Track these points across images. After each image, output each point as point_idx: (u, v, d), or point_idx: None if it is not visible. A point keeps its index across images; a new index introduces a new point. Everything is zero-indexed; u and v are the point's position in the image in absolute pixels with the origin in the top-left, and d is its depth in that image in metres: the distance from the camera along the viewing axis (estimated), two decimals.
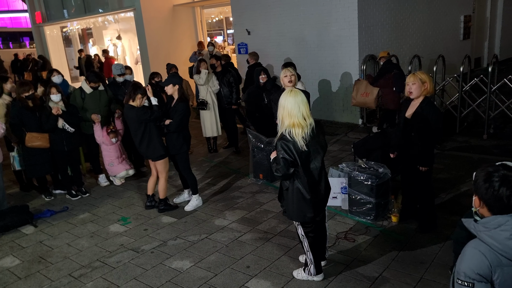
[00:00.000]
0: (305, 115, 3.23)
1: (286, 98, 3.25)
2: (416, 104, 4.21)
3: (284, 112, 3.25)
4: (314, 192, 3.41)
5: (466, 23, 11.96)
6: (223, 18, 16.16)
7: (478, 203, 1.92)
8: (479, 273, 1.80)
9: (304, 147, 3.23)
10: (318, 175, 3.40)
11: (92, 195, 6.19)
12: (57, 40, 18.03)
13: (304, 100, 3.23)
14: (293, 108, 3.20)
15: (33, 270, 4.29)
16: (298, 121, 3.20)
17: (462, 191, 5.38)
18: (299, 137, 3.21)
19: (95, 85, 6.15)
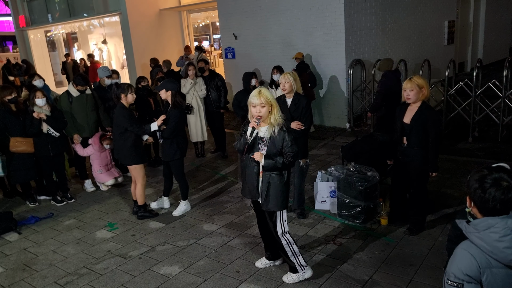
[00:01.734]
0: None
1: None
2: (414, 109, 4.20)
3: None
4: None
5: (450, 28, 12.17)
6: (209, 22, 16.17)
7: (469, 203, 1.94)
8: (468, 274, 1.81)
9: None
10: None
11: (78, 201, 6.09)
12: (41, 44, 17.81)
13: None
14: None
15: (17, 278, 4.18)
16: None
17: (447, 194, 5.43)
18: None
19: (82, 88, 6.07)
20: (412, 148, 4.26)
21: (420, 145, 4.20)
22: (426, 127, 4.13)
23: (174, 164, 5.25)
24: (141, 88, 6.83)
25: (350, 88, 8.78)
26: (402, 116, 4.32)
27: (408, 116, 4.26)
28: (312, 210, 5.24)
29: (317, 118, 9.42)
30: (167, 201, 5.64)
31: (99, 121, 6.36)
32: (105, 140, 6.17)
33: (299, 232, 4.70)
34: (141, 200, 5.32)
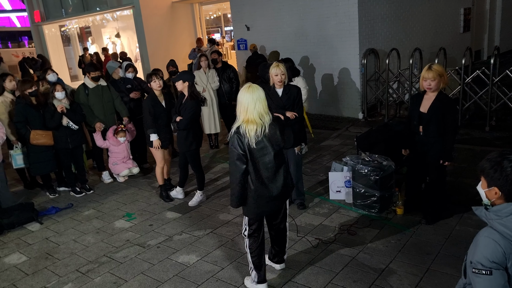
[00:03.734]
0: (262, 112, 3.21)
1: (243, 94, 3.23)
2: (431, 98, 4.17)
3: (240, 107, 3.23)
4: (262, 189, 3.34)
5: (465, 16, 11.96)
6: (220, 15, 16.16)
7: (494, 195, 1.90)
8: (495, 261, 1.79)
9: (254, 144, 3.21)
10: (271, 172, 3.34)
11: (96, 192, 6.20)
12: (56, 39, 18.00)
13: (261, 97, 3.21)
14: (249, 104, 3.18)
15: (40, 267, 4.30)
16: (253, 118, 3.19)
17: (464, 183, 5.39)
18: (251, 133, 3.19)
19: (95, 74, 6.15)
20: (430, 138, 4.23)
21: (438, 134, 4.18)
22: (444, 117, 4.10)
23: (190, 155, 5.32)
24: None
25: (363, 78, 8.73)
26: (418, 106, 4.28)
27: (425, 105, 4.22)
28: (327, 200, 5.26)
29: (330, 108, 9.39)
30: (181, 191, 5.72)
31: (116, 112, 6.44)
32: (119, 133, 6.24)
33: (314, 221, 4.74)
34: (158, 181, 5.73)
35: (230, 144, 3.28)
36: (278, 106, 4.72)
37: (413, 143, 4.44)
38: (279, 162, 3.40)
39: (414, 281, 3.55)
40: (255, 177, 3.32)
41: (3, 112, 5.80)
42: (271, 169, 3.34)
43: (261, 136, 3.23)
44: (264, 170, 3.33)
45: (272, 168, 3.35)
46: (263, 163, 3.31)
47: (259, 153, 3.28)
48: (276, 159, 3.35)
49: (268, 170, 3.34)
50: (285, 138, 3.46)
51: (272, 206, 3.48)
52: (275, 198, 3.43)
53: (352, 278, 3.67)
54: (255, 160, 3.28)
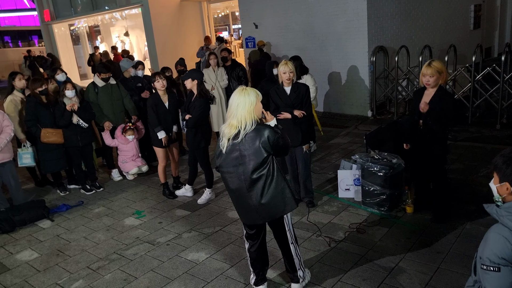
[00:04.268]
0: (241, 118, 2.99)
1: (232, 97, 3.07)
2: (431, 93, 4.22)
3: (228, 110, 3.10)
4: (238, 197, 3.20)
5: (476, 13, 11.84)
6: (228, 13, 16.16)
7: (506, 191, 1.90)
8: (504, 258, 1.80)
9: (224, 149, 3.06)
10: (245, 185, 3.09)
11: (106, 190, 6.25)
12: (65, 38, 18.14)
13: (246, 102, 2.98)
14: (233, 107, 3.02)
15: (51, 263, 4.35)
16: (231, 122, 3.03)
17: (476, 181, 5.35)
18: (225, 138, 3.06)
19: (106, 76, 6.19)
20: (429, 132, 4.26)
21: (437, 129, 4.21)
22: (442, 112, 4.13)
23: (199, 153, 5.34)
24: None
25: (372, 76, 8.68)
26: (419, 101, 4.35)
27: (425, 101, 4.27)
28: (336, 198, 5.25)
29: (339, 106, 9.36)
30: (190, 189, 5.74)
31: (125, 111, 6.48)
32: (127, 131, 6.28)
33: (323, 220, 4.73)
34: (160, 179, 5.79)
35: None
36: (286, 105, 4.72)
37: (415, 138, 4.47)
38: (257, 177, 3.07)
39: (424, 280, 3.53)
40: (229, 185, 3.17)
41: (13, 110, 5.86)
42: (245, 182, 3.08)
43: (237, 144, 3.03)
44: (238, 181, 3.10)
45: (246, 181, 3.08)
46: (236, 173, 3.09)
47: (233, 162, 3.08)
48: (250, 173, 3.05)
49: (242, 182, 3.09)
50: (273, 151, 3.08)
51: (251, 218, 3.23)
52: (252, 212, 3.17)
53: (362, 277, 3.66)
54: (228, 166, 3.11)
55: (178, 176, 6.04)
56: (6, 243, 4.88)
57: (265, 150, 3.03)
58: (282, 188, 3.16)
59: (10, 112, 5.82)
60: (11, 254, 4.61)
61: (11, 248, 4.76)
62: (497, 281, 1.81)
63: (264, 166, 3.07)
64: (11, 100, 5.90)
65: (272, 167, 3.12)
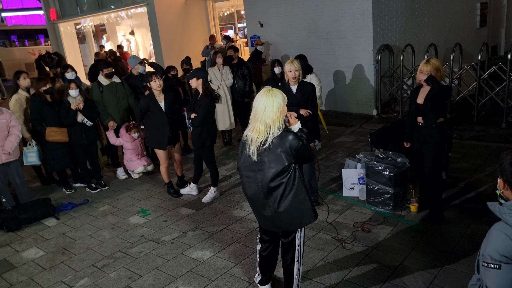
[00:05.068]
0: (269, 122, 2.80)
1: (257, 99, 2.87)
2: (426, 90, 4.28)
3: (252, 114, 2.90)
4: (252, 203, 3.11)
5: (482, 11, 11.76)
6: (234, 11, 16.16)
7: (503, 186, 1.93)
8: (505, 255, 1.81)
9: (255, 156, 2.88)
10: (262, 192, 2.95)
11: (111, 188, 6.29)
12: (71, 37, 18.21)
13: (274, 105, 2.79)
14: (259, 111, 2.82)
15: (57, 261, 4.39)
16: (258, 127, 2.84)
17: (481, 180, 5.33)
18: (252, 144, 2.87)
19: (108, 71, 6.21)
20: (429, 127, 4.30)
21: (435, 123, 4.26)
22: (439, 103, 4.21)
23: (204, 151, 5.35)
24: (170, 77, 6.94)
25: (378, 74, 8.65)
26: (415, 98, 4.41)
27: (421, 97, 4.34)
28: (340, 197, 5.25)
29: (344, 105, 9.34)
30: (195, 188, 5.76)
31: (130, 109, 6.51)
32: (132, 129, 6.31)
33: (328, 218, 4.73)
34: (164, 179, 5.83)
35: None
36: (292, 104, 4.71)
37: (413, 135, 4.51)
38: (275, 186, 2.90)
39: (428, 279, 3.53)
40: (247, 189, 3.05)
41: (18, 109, 5.90)
42: (263, 189, 2.94)
43: (260, 149, 2.86)
44: (255, 186, 2.97)
45: (264, 189, 2.93)
46: (254, 178, 2.96)
47: (252, 167, 2.94)
48: (268, 181, 2.90)
49: (260, 188, 2.95)
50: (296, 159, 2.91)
51: (267, 224, 3.12)
52: (266, 220, 3.08)
53: (366, 276, 3.66)
54: (247, 170, 2.99)
55: (182, 175, 6.06)
56: (12, 241, 4.92)
57: (286, 158, 2.84)
58: (302, 199, 2.97)
59: (15, 111, 5.86)
60: (17, 252, 4.65)
61: (17, 246, 4.80)
62: (498, 278, 1.82)
63: (284, 175, 2.89)
64: (17, 99, 5.95)
65: (294, 176, 2.92)
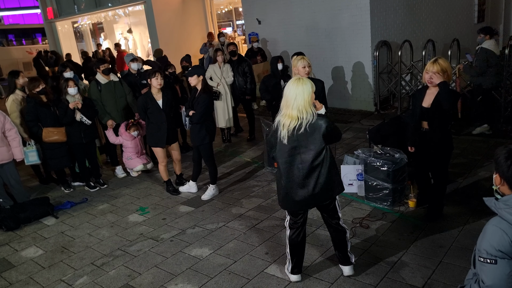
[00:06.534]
0: (301, 108, 3.06)
1: (288, 87, 3.13)
2: (434, 92, 4.04)
3: (283, 101, 3.16)
4: (290, 187, 3.26)
5: (480, 6, 11.76)
6: (232, 8, 16.13)
7: (499, 181, 1.93)
8: (501, 250, 1.82)
9: (285, 140, 3.14)
10: (301, 173, 3.20)
11: (110, 187, 6.29)
12: (69, 35, 18.19)
13: (304, 92, 3.05)
14: (291, 98, 3.08)
15: (56, 260, 4.39)
16: (291, 112, 3.09)
17: (479, 175, 5.34)
18: (284, 129, 3.12)
19: (105, 67, 6.21)
20: (434, 132, 4.12)
21: (442, 128, 4.10)
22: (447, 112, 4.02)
23: (203, 149, 5.35)
24: (168, 75, 6.93)
25: (376, 71, 8.65)
26: (421, 101, 4.17)
27: (428, 100, 4.10)
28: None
29: (343, 101, 9.33)
30: (194, 185, 5.76)
31: (128, 108, 6.50)
32: (131, 128, 6.30)
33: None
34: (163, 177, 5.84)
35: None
36: None
37: (417, 139, 4.33)
38: (315, 166, 3.18)
39: (426, 274, 3.54)
40: (285, 174, 3.25)
41: (15, 110, 5.89)
42: (302, 171, 3.19)
43: (295, 133, 3.11)
44: (295, 170, 3.21)
45: (304, 170, 3.18)
46: (293, 162, 3.20)
47: (291, 151, 3.17)
48: (309, 161, 3.16)
49: (300, 170, 3.19)
50: (332, 139, 3.22)
51: (304, 204, 3.31)
52: (304, 199, 3.27)
53: (365, 271, 3.67)
54: (285, 156, 3.21)
55: (181, 174, 6.06)
56: (11, 240, 4.93)
57: (322, 140, 3.14)
58: (335, 172, 3.33)
59: (13, 111, 5.85)
60: (16, 251, 4.66)
61: (16, 245, 4.80)
62: (493, 273, 1.83)
63: (322, 154, 3.19)
64: (13, 99, 5.93)
65: (328, 154, 3.25)
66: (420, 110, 4.18)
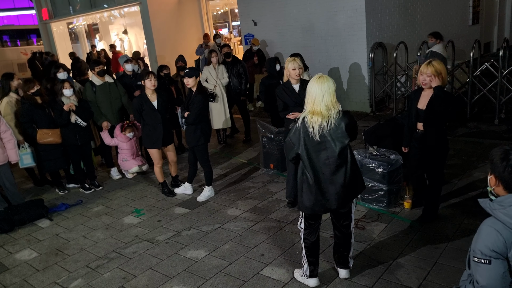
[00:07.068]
0: (329, 105, 3.12)
1: (312, 85, 3.18)
2: (429, 94, 4.05)
3: (308, 98, 3.20)
4: (319, 183, 3.24)
5: (475, 8, 11.82)
6: (228, 10, 16.12)
7: (494, 182, 1.94)
8: (495, 250, 1.83)
9: (317, 136, 3.14)
10: (329, 169, 3.20)
11: (105, 188, 6.26)
12: (64, 36, 18.10)
13: (330, 90, 3.13)
14: (317, 95, 3.13)
15: (50, 262, 4.36)
16: (319, 110, 3.13)
17: (474, 176, 5.36)
18: (316, 126, 3.13)
19: (99, 69, 6.18)
20: (429, 134, 4.12)
21: (438, 130, 4.10)
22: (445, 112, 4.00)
23: (198, 150, 5.34)
24: (163, 76, 6.92)
25: (371, 72, 8.67)
26: (416, 102, 4.18)
27: (423, 102, 4.11)
28: None
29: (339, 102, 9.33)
30: (190, 187, 5.74)
31: (123, 109, 6.48)
32: (126, 129, 6.28)
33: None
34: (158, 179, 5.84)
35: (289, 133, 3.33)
36: (296, 103, 4.66)
37: (412, 140, 4.34)
38: (341, 161, 3.20)
39: (421, 275, 3.55)
40: (312, 172, 3.23)
41: (9, 112, 5.85)
42: (329, 166, 3.20)
43: (326, 129, 3.14)
44: (322, 166, 3.21)
45: (332, 165, 3.20)
46: (320, 158, 3.20)
47: (317, 147, 3.18)
48: (336, 156, 3.18)
49: (327, 166, 3.20)
50: (352, 135, 3.22)
51: (328, 205, 3.29)
52: (332, 197, 3.25)
53: (360, 272, 3.67)
54: (310, 153, 3.20)
55: (176, 176, 6.05)
56: (5, 242, 4.89)
57: (348, 134, 3.17)
58: (358, 170, 3.39)
59: (7, 114, 5.81)
60: (10, 254, 4.62)
61: (10, 247, 4.77)
62: (487, 273, 1.84)
63: (347, 149, 3.22)
64: (8, 102, 5.90)
65: (351, 150, 3.29)
66: (415, 111, 4.20)
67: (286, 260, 3.98)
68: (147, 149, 5.76)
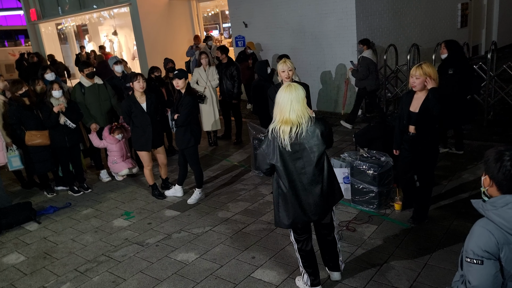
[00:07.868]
0: (299, 113, 2.99)
1: (280, 94, 3.05)
2: (421, 97, 4.06)
3: (276, 108, 3.07)
4: (296, 193, 3.14)
5: (463, 11, 11.95)
6: (218, 11, 16.10)
7: (488, 183, 1.95)
8: (487, 251, 1.84)
9: (289, 146, 3.00)
10: (306, 179, 3.11)
11: (94, 191, 6.19)
12: (52, 37, 17.93)
13: (299, 97, 3.00)
14: (285, 104, 3.00)
15: (38, 266, 4.30)
16: (288, 117, 3.00)
17: (463, 178, 5.40)
18: (285, 135, 3.00)
19: (89, 71, 6.12)
20: (421, 137, 4.13)
21: (431, 132, 4.11)
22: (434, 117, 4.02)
23: (188, 152, 5.31)
24: (153, 78, 6.87)
25: None
26: (408, 105, 4.19)
27: (415, 105, 4.12)
28: None
29: (329, 104, 9.38)
30: (180, 189, 5.71)
31: (113, 111, 6.42)
32: (115, 131, 6.23)
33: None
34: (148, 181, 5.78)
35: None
36: None
37: (403, 143, 4.34)
38: (318, 169, 3.11)
39: (412, 276, 3.56)
40: (287, 181, 3.11)
41: None
42: (306, 175, 3.09)
43: (298, 138, 3.01)
44: (298, 175, 3.10)
45: (308, 174, 3.09)
46: (296, 168, 3.09)
47: (293, 156, 3.06)
48: (313, 165, 3.08)
49: (304, 175, 3.10)
50: (328, 142, 3.13)
51: (307, 218, 3.19)
52: (312, 208, 3.16)
53: (351, 274, 3.67)
54: (287, 163, 3.08)
55: (167, 178, 6.00)
56: None
57: (324, 141, 3.08)
58: (334, 176, 3.29)
59: None
60: None
61: None
62: (480, 274, 1.85)
63: (323, 158, 3.14)
64: None
65: (327, 158, 3.20)
66: (407, 114, 4.19)
67: (277, 262, 3.97)
68: (137, 151, 5.70)
